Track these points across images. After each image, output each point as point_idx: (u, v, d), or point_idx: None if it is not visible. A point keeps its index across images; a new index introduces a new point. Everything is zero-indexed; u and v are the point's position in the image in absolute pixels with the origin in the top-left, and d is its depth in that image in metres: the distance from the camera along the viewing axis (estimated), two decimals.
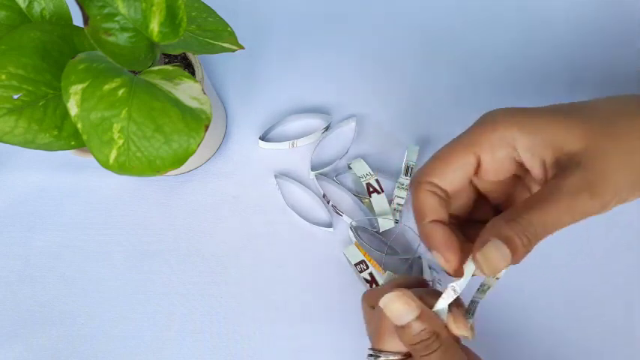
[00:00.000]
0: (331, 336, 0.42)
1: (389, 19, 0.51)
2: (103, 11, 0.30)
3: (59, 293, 0.44)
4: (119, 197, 0.46)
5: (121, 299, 0.44)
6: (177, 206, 0.46)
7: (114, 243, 0.45)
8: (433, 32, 0.51)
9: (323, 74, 0.49)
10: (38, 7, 0.34)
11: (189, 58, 0.41)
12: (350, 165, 0.45)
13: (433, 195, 0.29)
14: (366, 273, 0.42)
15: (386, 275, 0.40)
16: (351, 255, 0.42)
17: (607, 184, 0.26)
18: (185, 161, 0.30)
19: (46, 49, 0.31)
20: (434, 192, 0.29)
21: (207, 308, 0.43)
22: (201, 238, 0.45)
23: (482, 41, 0.50)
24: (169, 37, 0.32)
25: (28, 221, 0.46)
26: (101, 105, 0.29)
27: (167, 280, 0.44)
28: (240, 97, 0.49)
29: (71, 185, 0.47)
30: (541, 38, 0.50)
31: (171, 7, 0.31)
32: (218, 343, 0.42)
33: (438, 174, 0.29)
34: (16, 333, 0.43)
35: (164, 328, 0.43)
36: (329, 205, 0.45)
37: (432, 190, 0.29)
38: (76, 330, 0.43)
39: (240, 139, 0.48)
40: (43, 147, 0.31)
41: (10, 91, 0.29)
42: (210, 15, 0.38)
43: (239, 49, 0.37)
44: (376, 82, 0.49)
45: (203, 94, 0.31)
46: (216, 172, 0.47)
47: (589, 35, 0.50)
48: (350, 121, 0.47)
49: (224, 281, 0.44)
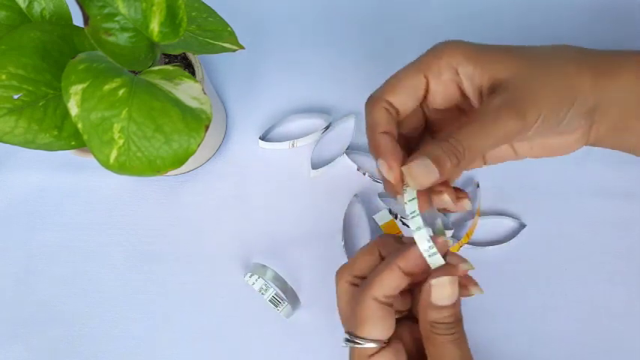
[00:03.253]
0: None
1: (389, 18, 0.51)
2: (103, 11, 0.30)
3: (59, 293, 0.44)
4: (119, 197, 0.46)
5: (121, 299, 0.44)
6: (177, 206, 0.46)
7: (114, 243, 0.45)
8: (433, 32, 0.51)
9: (323, 74, 0.49)
10: (38, 7, 0.34)
11: (189, 58, 0.41)
12: None
13: (386, 111, 0.32)
14: None
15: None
16: (380, 218, 0.44)
17: (528, 103, 0.28)
18: (185, 161, 0.30)
19: (46, 49, 0.31)
20: (387, 109, 0.32)
21: (207, 309, 0.43)
22: (201, 238, 0.45)
23: (482, 40, 0.50)
24: (169, 37, 0.32)
25: (28, 221, 0.46)
26: (101, 105, 0.29)
27: (167, 280, 0.44)
28: (240, 97, 0.49)
29: (71, 185, 0.47)
30: (541, 38, 0.50)
31: (172, 7, 0.31)
32: (218, 343, 0.42)
33: (392, 93, 0.32)
34: (16, 333, 0.43)
35: (164, 328, 0.43)
36: (365, 176, 0.45)
37: (385, 107, 0.32)
38: (75, 330, 0.43)
39: (240, 139, 0.48)
40: (43, 147, 0.31)
41: (10, 91, 0.29)
42: (210, 15, 0.38)
43: (239, 49, 0.37)
44: (376, 82, 0.49)
45: (203, 94, 0.31)
46: (216, 172, 0.47)
47: (589, 33, 0.50)
48: (349, 119, 0.47)
49: (224, 282, 0.44)
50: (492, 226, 0.44)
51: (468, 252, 0.43)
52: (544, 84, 0.29)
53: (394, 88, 0.32)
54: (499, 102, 0.28)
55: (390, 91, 0.32)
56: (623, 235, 0.43)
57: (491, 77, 0.30)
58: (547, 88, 0.29)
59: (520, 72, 0.29)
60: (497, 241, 0.44)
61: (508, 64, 0.30)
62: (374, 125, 0.31)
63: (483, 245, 0.43)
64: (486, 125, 0.28)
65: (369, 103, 0.33)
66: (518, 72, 0.29)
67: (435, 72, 0.31)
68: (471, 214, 0.45)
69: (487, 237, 0.44)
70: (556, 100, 0.29)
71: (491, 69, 0.30)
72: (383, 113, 0.31)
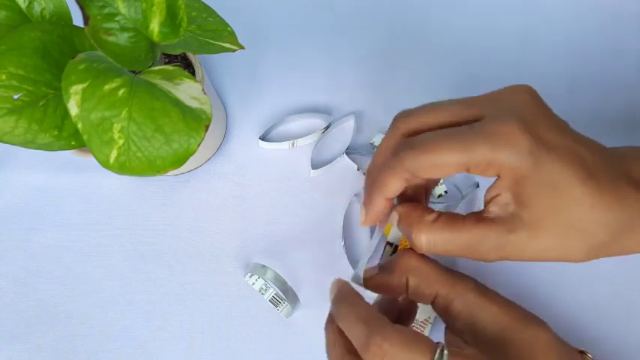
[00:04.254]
0: None
1: (389, 18, 0.51)
2: (103, 11, 0.30)
3: (59, 293, 0.44)
4: (119, 197, 0.46)
5: (121, 299, 0.44)
6: (177, 206, 0.46)
7: (114, 243, 0.45)
8: (433, 31, 0.51)
9: (323, 74, 0.49)
10: (38, 7, 0.34)
11: (190, 58, 0.41)
12: (372, 142, 0.46)
13: (404, 181, 0.28)
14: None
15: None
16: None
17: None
18: (185, 161, 0.30)
19: (46, 49, 0.31)
20: (406, 179, 0.28)
21: (207, 309, 0.43)
22: (201, 238, 0.45)
23: (483, 41, 0.50)
24: (169, 37, 0.32)
25: (28, 221, 0.46)
26: (101, 105, 0.29)
27: (167, 280, 0.44)
28: (240, 97, 0.49)
29: (71, 185, 0.47)
30: (541, 38, 0.50)
31: (172, 7, 0.31)
32: (218, 343, 0.42)
33: (423, 170, 0.27)
34: (15, 333, 0.43)
35: (163, 328, 0.43)
36: (365, 176, 0.45)
37: (405, 178, 0.28)
38: (75, 330, 0.43)
39: (240, 139, 0.48)
40: (43, 147, 0.31)
41: (10, 91, 0.29)
42: (210, 15, 0.38)
43: (239, 49, 0.37)
44: (376, 82, 0.49)
45: (203, 94, 0.31)
46: (216, 172, 0.47)
47: (589, 36, 0.50)
48: (349, 119, 0.47)
49: (223, 282, 0.44)
50: None
51: None
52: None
53: (426, 166, 0.26)
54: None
55: (421, 168, 0.27)
56: None
57: (520, 206, 0.26)
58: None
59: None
60: None
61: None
62: (382, 187, 0.28)
63: None
64: (471, 239, 0.27)
65: (394, 167, 0.28)
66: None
67: (481, 169, 0.26)
68: None
69: None
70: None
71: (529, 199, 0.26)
72: (399, 183, 0.28)
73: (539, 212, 0.26)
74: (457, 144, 0.26)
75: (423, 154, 0.26)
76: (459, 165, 0.26)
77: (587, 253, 0.26)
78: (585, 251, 0.26)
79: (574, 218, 0.25)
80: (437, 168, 0.26)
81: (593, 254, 0.26)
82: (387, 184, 0.28)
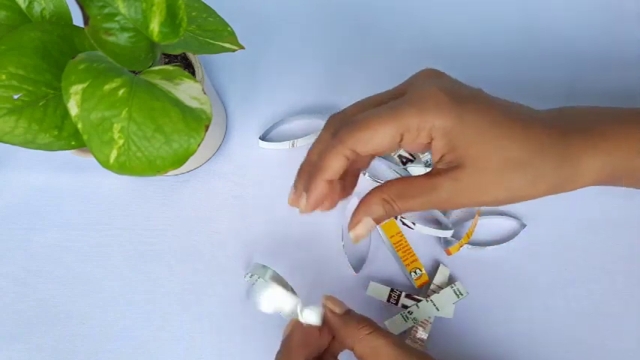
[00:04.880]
0: None
1: (389, 18, 0.51)
2: (103, 11, 0.30)
3: (59, 293, 0.44)
4: (119, 197, 0.46)
5: (121, 299, 0.44)
6: (177, 206, 0.46)
7: (114, 243, 0.45)
8: (433, 32, 0.51)
9: (323, 74, 0.49)
10: (38, 7, 0.34)
11: (189, 58, 0.41)
12: None
13: (345, 159, 0.30)
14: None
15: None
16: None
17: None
18: (185, 161, 0.30)
19: (46, 49, 0.31)
20: (347, 156, 0.30)
21: (207, 309, 0.43)
22: (201, 238, 0.45)
23: (483, 41, 0.50)
24: (169, 37, 0.32)
25: (28, 221, 0.46)
26: (101, 105, 0.29)
27: (166, 281, 0.44)
28: (240, 97, 0.49)
29: (71, 185, 0.47)
30: (542, 38, 0.50)
31: (172, 7, 0.31)
32: (218, 343, 0.42)
33: (361, 144, 0.29)
34: (15, 333, 0.43)
35: (163, 328, 0.43)
36: (365, 176, 0.45)
37: (346, 155, 0.30)
38: (75, 330, 0.43)
39: (240, 139, 0.48)
40: (43, 147, 0.31)
41: (10, 91, 0.29)
42: (210, 15, 0.38)
43: (239, 49, 0.37)
44: (376, 82, 0.49)
45: (203, 94, 0.31)
46: (216, 172, 0.47)
47: (589, 36, 0.50)
48: None
49: (223, 282, 0.44)
50: (492, 226, 0.44)
51: (468, 252, 0.43)
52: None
53: (364, 140, 0.29)
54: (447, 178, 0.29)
55: (359, 141, 0.29)
56: (623, 235, 0.43)
57: (457, 156, 0.29)
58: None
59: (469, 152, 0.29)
60: (497, 241, 0.44)
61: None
62: (324, 169, 0.30)
63: (483, 245, 0.43)
64: (426, 194, 0.30)
65: (334, 145, 0.30)
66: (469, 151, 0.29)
67: (414, 135, 0.29)
68: (471, 214, 0.45)
69: (487, 237, 0.44)
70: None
71: (464, 146, 0.29)
72: (340, 162, 0.30)
73: (475, 157, 0.29)
74: (389, 113, 0.29)
75: (359, 128, 0.29)
76: (394, 134, 0.29)
77: (531, 184, 0.29)
78: (526, 183, 0.29)
79: (504, 156, 0.28)
80: (374, 140, 0.29)
81: (539, 188, 0.29)
82: (328, 165, 0.30)
